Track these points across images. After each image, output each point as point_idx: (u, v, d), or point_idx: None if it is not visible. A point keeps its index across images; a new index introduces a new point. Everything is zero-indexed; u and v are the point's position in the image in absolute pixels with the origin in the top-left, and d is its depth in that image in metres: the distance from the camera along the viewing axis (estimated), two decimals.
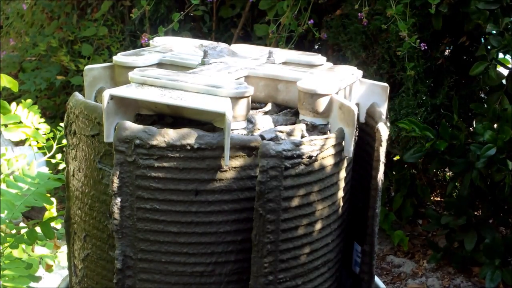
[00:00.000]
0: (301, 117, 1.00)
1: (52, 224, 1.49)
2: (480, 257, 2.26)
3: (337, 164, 0.98)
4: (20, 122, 1.56)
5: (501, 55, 2.18)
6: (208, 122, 0.94)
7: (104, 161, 0.95)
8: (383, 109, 1.11)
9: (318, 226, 0.98)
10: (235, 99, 0.91)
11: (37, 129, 1.62)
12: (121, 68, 1.08)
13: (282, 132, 0.96)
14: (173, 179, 0.90)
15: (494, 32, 2.06)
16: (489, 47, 2.14)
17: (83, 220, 1.02)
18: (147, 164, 0.89)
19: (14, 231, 1.47)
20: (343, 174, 1.01)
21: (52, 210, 1.61)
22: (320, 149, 0.93)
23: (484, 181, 2.20)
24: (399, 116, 2.25)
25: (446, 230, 2.38)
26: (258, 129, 0.97)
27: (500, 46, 2.02)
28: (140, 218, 0.91)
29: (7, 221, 1.37)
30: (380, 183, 1.06)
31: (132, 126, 0.88)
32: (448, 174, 2.82)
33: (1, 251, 1.38)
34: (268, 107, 1.07)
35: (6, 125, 1.51)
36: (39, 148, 1.68)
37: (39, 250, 1.61)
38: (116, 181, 0.89)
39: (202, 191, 0.91)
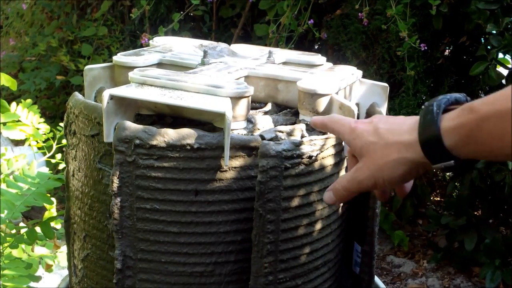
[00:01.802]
0: (301, 117, 1.00)
1: (52, 224, 1.49)
2: (480, 257, 2.26)
3: (337, 164, 0.98)
4: (19, 121, 1.56)
5: (501, 55, 2.18)
6: (208, 122, 0.94)
7: (104, 161, 0.95)
8: (383, 109, 1.11)
9: (318, 226, 0.98)
10: (235, 99, 0.91)
11: (37, 129, 1.62)
12: (121, 68, 1.08)
13: (282, 132, 0.95)
14: (173, 179, 0.90)
15: (494, 32, 2.06)
16: (489, 47, 2.14)
17: (83, 220, 1.01)
18: (147, 164, 0.89)
19: (14, 231, 1.47)
20: (343, 174, 1.01)
21: (52, 210, 1.61)
22: (320, 149, 0.93)
23: (484, 181, 2.20)
24: None
25: (446, 230, 2.38)
26: (258, 129, 0.97)
27: (500, 46, 2.02)
28: (140, 218, 0.91)
29: (7, 221, 1.37)
30: None
31: (132, 126, 0.88)
32: (448, 174, 2.82)
33: (1, 251, 1.38)
34: (268, 107, 1.07)
35: (5, 124, 1.51)
36: (38, 148, 1.68)
37: (39, 250, 1.61)
38: (116, 181, 0.89)
39: (202, 191, 0.90)
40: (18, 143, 2.77)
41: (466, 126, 0.67)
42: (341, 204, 1.03)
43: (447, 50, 2.53)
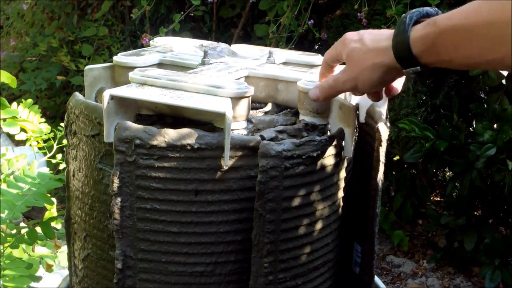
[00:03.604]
0: (301, 117, 1.00)
1: (53, 224, 1.49)
2: (480, 257, 2.26)
3: (337, 164, 0.98)
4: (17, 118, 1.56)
5: None
6: (208, 122, 0.94)
7: (104, 161, 0.96)
8: (383, 109, 1.11)
9: (318, 226, 0.98)
10: (236, 99, 0.91)
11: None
12: (122, 68, 1.08)
13: (282, 132, 0.96)
14: (173, 179, 0.90)
15: None
16: None
17: (83, 220, 1.02)
18: (147, 164, 0.89)
19: (14, 231, 1.48)
20: (343, 174, 1.01)
21: (52, 210, 1.61)
22: (320, 149, 0.93)
23: (484, 181, 2.20)
24: (399, 116, 2.25)
25: (446, 230, 2.38)
26: (258, 129, 0.97)
27: None
28: (140, 218, 0.91)
29: (8, 221, 1.37)
30: (380, 183, 1.06)
31: (132, 126, 0.88)
32: (448, 174, 2.82)
33: (2, 251, 1.38)
34: (268, 107, 1.07)
35: (4, 120, 1.50)
36: (39, 148, 1.69)
37: (40, 250, 1.61)
38: (116, 181, 0.89)
39: (202, 191, 0.91)
40: (18, 143, 2.77)
41: (429, 38, 0.77)
42: (341, 204, 1.04)
43: None
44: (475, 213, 2.45)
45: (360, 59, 0.86)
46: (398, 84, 0.95)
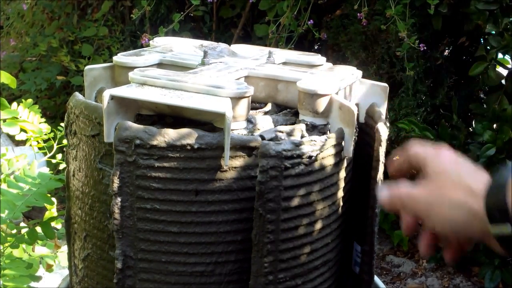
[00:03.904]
0: (301, 117, 1.00)
1: (53, 224, 1.49)
2: (480, 257, 2.26)
3: (337, 164, 0.98)
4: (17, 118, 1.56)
5: (500, 55, 2.19)
6: (208, 122, 0.94)
7: (105, 161, 0.96)
8: (383, 109, 1.11)
9: (318, 226, 0.98)
10: (236, 99, 0.91)
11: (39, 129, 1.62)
12: (122, 68, 1.08)
13: (282, 132, 0.96)
14: (173, 179, 0.90)
15: (494, 32, 2.07)
16: (488, 47, 2.14)
17: (84, 220, 1.02)
18: (147, 164, 0.89)
19: (14, 231, 1.48)
20: (343, 174, 1.02)
21: (52, 210, 1.61)
22: (320, 149, 0.93)
23: None
24: (399, 116, 2.25)
25: None
26: (258, 129, 0.97)
27: (499, 46, 2.02)
28: (140, 218, 0.92)
29: (8, 221, 1.38)
30: (380, 183, 1.06)
31: (132, 126, 0.88)
32: None
33: (2, 250, 1.38)
34: (268, 107, 1.07)
35: (4, 120, 1.50)
36: (39, 148, 1.69)
37: (40, 250, 1.61)
38: (116, 181, 0.89)
39: (202, 191, 0.91)
40: (19, 143, 2.77)
41: None
42: (341, 204, 1.04)
43: (446, 51, 2.53)
44: None
45: (445, 185, 0.72)
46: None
